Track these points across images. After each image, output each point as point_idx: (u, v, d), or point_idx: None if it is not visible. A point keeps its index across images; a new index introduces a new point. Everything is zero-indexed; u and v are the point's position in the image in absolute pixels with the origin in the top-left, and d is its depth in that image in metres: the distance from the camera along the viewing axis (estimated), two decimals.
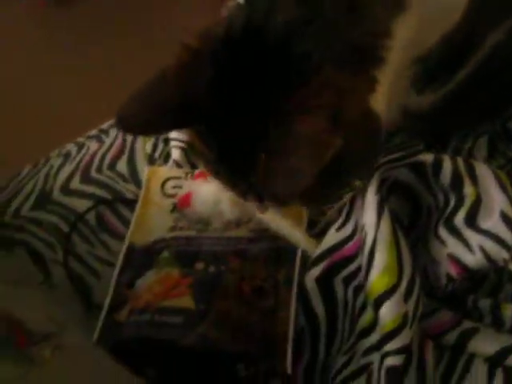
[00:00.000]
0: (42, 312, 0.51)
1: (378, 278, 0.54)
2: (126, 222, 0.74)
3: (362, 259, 0.57)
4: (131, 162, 0.81)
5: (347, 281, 0.61)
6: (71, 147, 0.87)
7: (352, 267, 0.61)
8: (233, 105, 0.52)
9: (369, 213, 0.57)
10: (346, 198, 0.72)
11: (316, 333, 0.60)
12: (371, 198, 0.57)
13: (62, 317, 0.53)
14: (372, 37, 0.53)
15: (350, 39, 0.51)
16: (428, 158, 0.58)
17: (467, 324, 0.57)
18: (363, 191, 0.60)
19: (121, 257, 0.67)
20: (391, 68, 0.54)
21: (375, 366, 0.54)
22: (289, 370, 0.57)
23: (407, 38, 0.54)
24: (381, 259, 0.55)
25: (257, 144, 0.51)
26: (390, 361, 0.52)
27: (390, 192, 0.60)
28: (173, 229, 0.68)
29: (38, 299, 0.55)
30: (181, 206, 0.70)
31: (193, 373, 0.58)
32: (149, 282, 0.63)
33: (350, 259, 0.61)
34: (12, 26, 1.76)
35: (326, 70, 0.50)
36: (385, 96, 0.55)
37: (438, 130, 0.72)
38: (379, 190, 0.57)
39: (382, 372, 0.52)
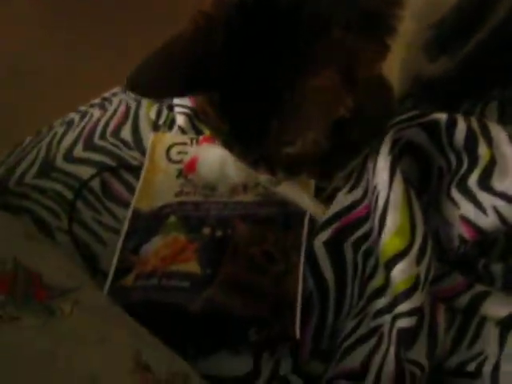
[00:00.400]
0: (61, 268, 0.51)
1: (390, 240, 0.53)
2: (130, 189, 0.73)
3: (374, 221, 0.56)
4: (135, 128, 0.79)
5: (356, 245, 0.60)
6: (74, 115, 0.86)
7: (361, 231, 0.60)
8: (246, 70, 0.52)
9: (381, 173, 0.56)
10: (352, 164, 0.71)
11: (325, 297, 0.59)
12: (384, 159, 0.56)
13: (80, 274, 0.52)
14: (385, 5, 0.52)
15: (362, 6, 0.51)
16: (442, 117, 0.57)
17: (479, 287, 0.56)
18: (374, 153, 0.59)
19: (126, 222, 0.67)
20: (404, 38, 0.54)
21: (386, 328, 0.53)
22: (297, 335, 0.56)
23: (419, 6, 0.54)
24: (393, 220, 0.54)
25: (269, 110, 0.51)
26: (402, 322, 0.51)
27: (401, 153, 0.58)
28: (179, 194, 0.67)
29: (56, 255, 0.54)
30: (187, 171, 0.69)
31: (202, 338, 0.58)
32: (155, 247, 0.62)
33: (359, 223, 0.60)
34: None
35: (337, 31, 0.50)
36: (397, 66, 0.55)
37: (450, 97, 0.70)
38: (392, 151, 0.56)
39: (393, 333, 0.52)
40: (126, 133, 0.79)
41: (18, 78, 1.44)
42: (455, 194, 0.57)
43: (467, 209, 0.56)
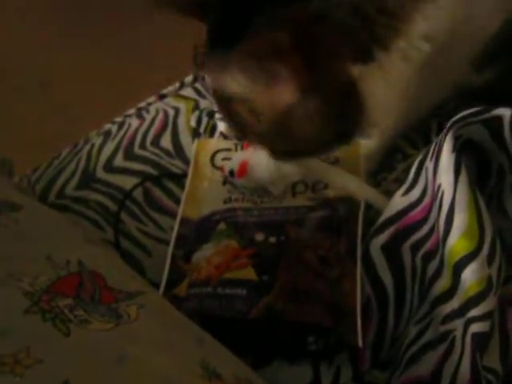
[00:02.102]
0: (123, 272, 0.49)
1: (458, 241, 0.51)
2: (174, 198, 0.72)
3: (438, 222, 0.54)
4: (175, 137, 0.78)
5: (415, 247, 0.58)
6: (110, 126, 0.85)
7: (420, 233, 0.58)
8: None
9: (445, 172, 0.53)
10: (400, 166, 0.70)
11: (384, 303, 0.57)
12: (447, 157, 0.54)
13: (141, 279, 0.51)
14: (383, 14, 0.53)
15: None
16: (505, 112, 0.54)
17: None
18: (433, 152, 0.57)
19: (175, 231, 0.65)
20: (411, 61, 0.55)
21: (458, 334, 0.50)
22: (360, 343, 0.54)
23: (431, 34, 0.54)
24: (461, 221, 0.51)
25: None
26: (476, 327, 0.49)
27: (461, 151, 0.56)
28: (227, 201, 0.66)
29: (116, 259, 0.53)
30: (239, 176, 0.67)
31: (260, 347, 0.56)
32: (207, 255, 0.60)
33: (417, 225, 0.58)
34: None
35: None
36: (394, 87, 0.55)
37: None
38: (455, 148, 0.54)
39: (467, 339, 0.49)
40: (166, 141, 0.78)
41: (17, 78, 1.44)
42: None
43: None
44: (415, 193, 0.59)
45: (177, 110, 0.82)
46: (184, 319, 0.48)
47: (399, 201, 0.59)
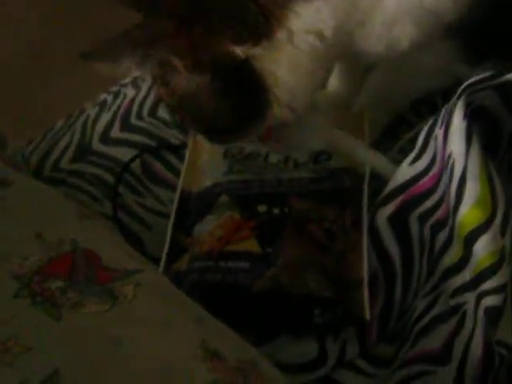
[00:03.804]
0: (120, 248, 0.48)
1: (470, 211, 0.49)
2: (173, 170, 0.70)
3: (449, 191, 0.52)
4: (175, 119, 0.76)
5: (423, 218, 0.56)
6: (106, 96, 0.82)
7: (428, 203, 0.56)
8: None
9: (456, 140, 0.51)
10: (406, 136, 0.68)
11: (391, 275, 0.55)
12: (458, 124, 0.52)
13: (139, 255, 0.49)
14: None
15: None
16: None
17: None
18: (443, 118, 0.54)
19: (175, 204, 0.63)
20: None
21: (470, 307, 0.49)
22: (367, 316, 0.53)
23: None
24: (473, 190, 0.49)
25: None
26: (489, 300, 0.47)
27: (472, 118, 0.54)
28: (228, 173, 0.64)
29: (112, 235, 0.51)
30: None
31: (264, 321, 0.54)
32: (209, 227, 0.58)
33: (426, 194, 0.56)
34: None
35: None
36: (295, 70, 0.57)
37: None
38: (466, 115, 0.52)
39: (480, 313, 0.48)
40: (164, 112, 0.76)
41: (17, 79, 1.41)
42: None
43: None
44: (423, 161, 0.57)
45: None
46: (183, 297, 0.46)
47: (406, 170, 0.58)
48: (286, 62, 0.57)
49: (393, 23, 0.57)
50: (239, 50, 0.55)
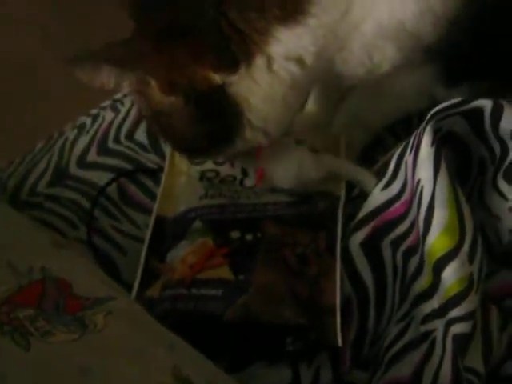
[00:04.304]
0: (91, 276, 0.47)
1: (438, 238, 0.50)
2: (150, 194, 0.70)
3: (418, 218, 0.52)
4: (150, 130, 0.76)
5: (395, 244, 0.56)
6: (85, 119, 0.82)
7: (400, 229, 0.56)
8: None
9: (424, 166, 0.52)
10: (383, 158, 0.68)
11: (364, 301, 0.55)
12: (426, 150, 0.52)
13: (111, 283, 0.48)
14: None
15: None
16: (486, 103, 0.53)
17: None
18: (413, 145, 0.55)
19: (149, 229, 0.63)
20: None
21: (439, 334, 0.49)
22: (339, 342, 0.53)
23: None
24: (441, 217, 0.50)
25: None
26: (457, 328, 0.48)
27: (441, 144, 0.55)
28: (203, 197, 0.64)
29: (85, 263, 0.51)
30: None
31: (236, 349, 0.54)
32: (182, 253, 0.58)
33: (397, 221, 0.57)
34: None
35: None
36: (270, 97, 0.58)
37: None
38: (434, 141, 0.52)
39: (448, 340, 0.48)
40: (142, 135, 0.76)
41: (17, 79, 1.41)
42: (502, 185, 0.54)
43: None
44: (395, 187, 0.57)
45: None
46: (155, 324, 0.46)
47: (378, 196, 0.58)
48: (261, 91, 0.58)
49: (373, 47, 0.58)
50: (217, 76, 0.56)
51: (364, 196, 0.62)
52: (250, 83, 0.57)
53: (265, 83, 0.57)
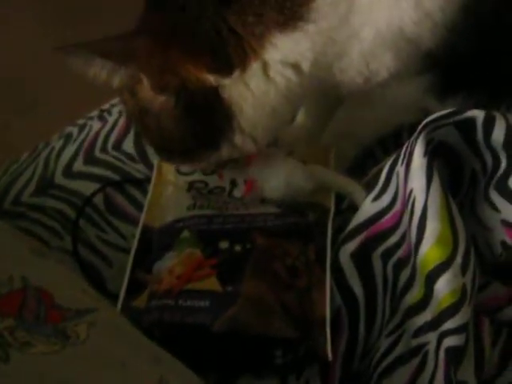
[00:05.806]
0: (73, 286, 0.46)
1: (431, 250, 0.49)
2: (136, 204, 0.69)
3: (410, 229, 0.51)
4: (138, 140, 0.75)
5: (386, 256, 0.56)
6: (72, 128, 0.81)
7: (391, 241, 0.56)
8: None
9: (417, 176, 0.51)
10: (372, 171, 0.68)
11: (354, 313, 0.55)
12: (419, 161, 0.52)
13: (94, 293, 0.47)
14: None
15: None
16: (479, 114, 0.52)
17: None
18: (405, 155, 0.54)
19: (136, 239, 0.62)
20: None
21: (431, 348, 0.48)
22: (329, 356, 0.52)
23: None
24: (433, 229, 0.49)
25: None
26: (450, 341, 0.47)
27: (433, 155, 0.54)
28: (191, 207, 0.63)
29: (67, 273, 0.49)
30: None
31: (224, 362, 0.53)
32: (169, 264, 0.57)
33: (388, 232, 0.56)
34: None
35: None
36: (261, 103, 0.57)
37: None
38: (426, 152, 0.52)
39: (441, 353, 0.47)
40: (129, 145, 0.75)
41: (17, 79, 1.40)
42: (494, 197, 0.53)
43: (509, 212, 0.52)
44: (386, 199, 0.57)
45: None
46: (139, 336, 0.45)
47: (369, 207, 0.57)
48: (255, 97, 0.57)
49: (372, 54, 0.57)
50: (211, 78, 0.55)
51: (353, 209, 0.61)
52: (243, 87, 0.57)
53: (259, 89, 0.57)
